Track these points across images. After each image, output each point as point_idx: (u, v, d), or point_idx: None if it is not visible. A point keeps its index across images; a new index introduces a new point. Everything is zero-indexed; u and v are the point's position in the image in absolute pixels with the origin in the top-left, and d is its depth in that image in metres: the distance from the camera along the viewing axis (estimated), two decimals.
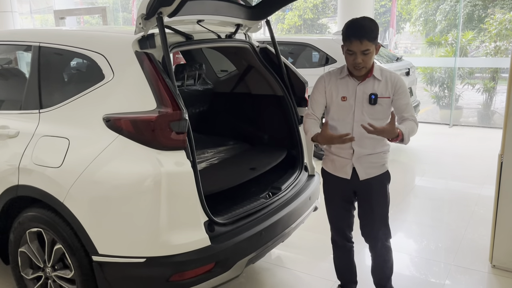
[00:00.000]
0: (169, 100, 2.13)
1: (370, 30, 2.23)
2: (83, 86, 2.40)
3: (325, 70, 5.96)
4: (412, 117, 2.40)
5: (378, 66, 2.42)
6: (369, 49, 2.24)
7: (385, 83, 2.37)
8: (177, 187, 2.15)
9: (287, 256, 3.45)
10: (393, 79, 2.39)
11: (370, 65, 2.33)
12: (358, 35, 2.22)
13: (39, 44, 2.63)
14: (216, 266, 2.23)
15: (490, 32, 8.81)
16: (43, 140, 2.41)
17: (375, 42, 2.28)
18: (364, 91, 2.38)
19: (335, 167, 2.52)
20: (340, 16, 9.37)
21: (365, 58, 2.27)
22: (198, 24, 2.73)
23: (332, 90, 2.45)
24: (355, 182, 2.49)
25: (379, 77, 2.38)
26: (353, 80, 2.40)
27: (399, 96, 2.38)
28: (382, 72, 2.40)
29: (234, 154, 3.29)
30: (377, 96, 2.36)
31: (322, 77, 2.53)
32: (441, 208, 4.42)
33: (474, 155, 6.26)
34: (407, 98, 2.41)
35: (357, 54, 2.25)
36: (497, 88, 8.77)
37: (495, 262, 3.16)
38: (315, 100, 2.53)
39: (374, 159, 2.46)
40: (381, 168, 2.50)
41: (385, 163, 2.51)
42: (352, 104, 2.40)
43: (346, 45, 2.29)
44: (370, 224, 2.58)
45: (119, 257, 2.18)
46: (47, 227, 2.39)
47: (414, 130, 2.37)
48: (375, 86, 2.38)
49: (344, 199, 2.59)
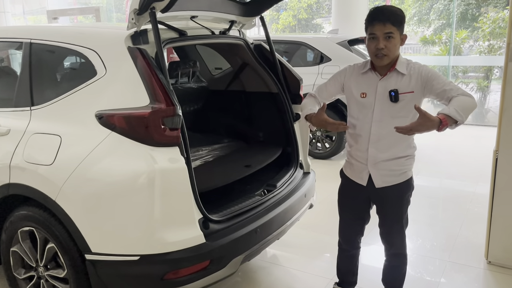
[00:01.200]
0: (162, 96, 2.10)
1: (394, 13, 2.10)
2: (75, 83, 2.37)
3: (319, 68, 5.95)
4: (458, 93, 2.09)
5: (405, 59, 2.22)
6: (392, 33, 2.08)
7: (409, 76, 2.17)
8: (171, 184, 2.13)
9: (283, 254, 3.43)
10: (417, 69, 2.17)
11: (394, 54, 2.14)
12: (381, 17, 2.08)
13: (30, 40, 2.59)
14: (211, 263, 2.21)
15: (484, 30, 8.85)
16: (34, 137, 2.38)
17: (400, 29, 2.12)
18: (386, 87, 2.19)
19: (353, 171, 2.37)
20: (334, 16, 9.38)
21: (388, 44, 2.09)
22: (192, 20, 2.70)
23: (352, 85, 2.29)
24: (371, 189, 2.32)
25: (404, 71, 2.17)
26: (375, 75, 2.22)
27: (431, 83, 2.13)
28: (408, 65, 2.19)
29: (229, 151, 3.28)
30: (397, 93, 2.15)
31: (345, 68, 2.36)
32: (436, 206, 4.42)
33: (469, 153, 6.28)
34: (442, 80, 2.14)
35: (380, 39, 2.09)
36: (490, 87, 8.81)
37: (490, 259, 3.16)
38: (326, 87, 2.37)
39: (394, 166, 2.26)
40: (402, 176, 2.29)
41: (407, 171, 2.30)
42: (372, 101, 2.22)
43: (368, 30, 2.14)
44: (385, 231, 2.45)
45: (113, 255, 2.15)
46: (39, 225, 2.36)
47: (466, 104, 2.04)
48: (398, 82, 2.17)
49: (357, 206, 2.44)
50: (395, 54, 2.15)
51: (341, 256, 2.68)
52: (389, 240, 2.47)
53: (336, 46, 5.98)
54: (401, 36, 2.15)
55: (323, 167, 5.65)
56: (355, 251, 2.63)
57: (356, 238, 2.57)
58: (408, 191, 2.35)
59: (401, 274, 2.56)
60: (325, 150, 6.04)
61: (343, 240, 2.60)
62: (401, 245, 2.46)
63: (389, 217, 2.40)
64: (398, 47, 2.16)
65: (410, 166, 2.31)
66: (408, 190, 2.35)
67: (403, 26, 2.15)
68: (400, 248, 2.47)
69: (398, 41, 2.14)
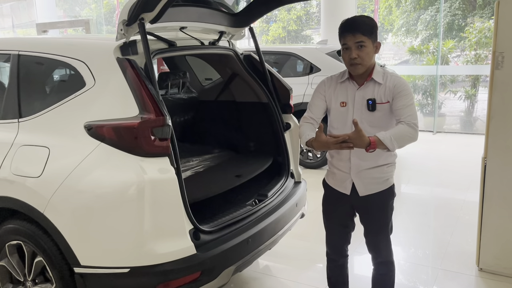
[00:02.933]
0: (151, 106, 2.10)
1: (363, 23, 2.14)
2: (63, 94, 2.36)
3: (309, 79, 5.99)
4: (406, 120, 2.12)
5: (381, 69, 2.25)
6: (363, 41, 2.12)
7: (384, 86, 2.20)
8: (161, 194, 2.11)
9: (275, 264, 3.41)
10: (393, 81, 2.20)
11: (368, 63, 2.17)
12: (350, 28, 2.14)
13: (18, 52, 2.58)
14: (202, 274, 2.19)
15: (470, 40, 8.99)
16: (22, 149, 2.35)
17: (372, 38, 2.15)
18: (364, 96, 2.22)
19: (336, 181, 2.37)
20: (323, 27, 9.47)
21: (360, 53, 2.13)
22: (181, 31, 2.71)
23: (332, 95, 2.31)
24: (355, 198, 2.32)
25: (380, 80, 2.21)
26: (353, 85, 2.26)
27: (398, 99, 2.17)
28: (384, 75, 2.23)
29: (220, 162, 3.27)
30: (375, 102, 2.19)
31: (323, 81, 2.38)
32: (427, 214, 4.44)
33: (458, 161, 6.33)
34: (406, 100, 2.16)
35: (352, 49, 2.13)
36: (478, 96, 8.93)
37: (482, 266, 3.17)
38: (314, 103, 2.36)
39: (376, 174, 2.27)
40: (385, 184, 2.31)
41: (389, 178, 2.32)
42: (351, 110, 2.24)
43: (341, 41, 2.18)
44: (371, 240, 2.44)
45: (102, 267, 2.12)
46: (26, 239, 2.32)
47: (404, 134, 2.09)
48: (375, 91, 2.21)
49: (342, 215, 2.43)
50: (369, 62, 2.19)
51: (330, 266, 2.64)
52: (376, 249, 2.46)
53: (325, 57, 6.04)
54: (375, 44, 2.18)
55: (314, 176, 5.62)
56: (343, 260, 2.60)
57: (343, 247, 2.55)
58: (391, 198, 2.37)
59: (390, 282, 2.53)
60: (316, 159, 6.05)
61: (331, 249, 2.57)
62: (387, 253, 2.46)
63: (374, 225, 2.40)
64: (372, 55, 2.19)
65: (392, 173, 2.34)
66: (391, 197, 2.37)
67: (375, 35, 2.18)
68: (387, 256, 2.46)
69: (371, 50, 2.17)
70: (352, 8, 9.26)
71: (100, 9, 19.25)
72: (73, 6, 20.68)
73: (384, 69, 2.27)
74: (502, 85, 2.89)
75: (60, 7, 18.74)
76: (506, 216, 3.01)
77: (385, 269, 2.49)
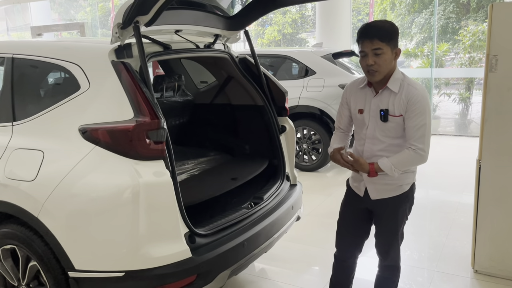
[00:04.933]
0: (146, 109, 2.09)
1: (381, 29, 2.06)
2: (58, 97, 2.35)
3: (304, 81, 6.00)
4: (412, 145, 2.09)
5: (401, 76, 2.15)
6: (381, 48, 2.04)
7: (400, 97, 2.11)
8: (156, 198, 2.10)
9: (271, 267, 3.41)
10: (408, 92, 2.10)
11: (386, 70, 2.09)
12: (368, 34, 2.07)
13: (13, 55, 2.57)
14: (197, 278, 2.18)
15: (464, 43, 9.04)
16: (16, 153, 2.34)
17: (391, 44, 2.07)
18: (379, 105, 2.16)
19: (353, 181, 2.39)
20: (318, 30, 9.50)
21: (378, 60, 2.06)
22: (176, 34, 2.71)
23: (351, 101, 2.28)
24: (368, 200, 2.31)
25: (396, 89, 2.12)
26: (371, 92, 2.21)
27: (409, 116, 2.09)
28: (402, 83, 2.13)
29: (215, 165, 3.26)
30: (387, 113, 2.13)
31: (346, 87, 2.35)
32: (423, 216, 4.45)
33: (453, 164, 6.36)
34: (418, 120, 2.08)
35: (369, 55, 2.07)
36: (472, 98, 8.98)
37: (477, 267, 3.18)
38: (339, 113, 2.37)
39: (389, 180, 2.22)
40: (397, 190, 2.26)
41: (403, 184, 2.26)
42: (367, 118, 2.21)
43: (359, 47, 2.11)
44: (380, 243, 2.42)
45: (97, 272, 2.11)
46: (20, 243, 2.31)
47: (406, 162, 2.11)
48: (390, 100, 2.14)
49: (354, 215, 2.42)
50: (387, 69, 2.11)
51: (336, 267, 2.56)
52: (383, 252, 2.44)
53: (321, 60, 6.05)
54: (395, 51, 2.10)
55: (310, 179, 5.65)
56: (351, 261, 2.53)
57: (354, 253, 2.50)
58: (403, 205, 2.32)
59: (392, 287, 2.53)
60: (311, 162, 6.05)
61: (338, 248, 2.52)
62: (394, 257, 2.43)
63: (384, 229, 2.38)
64: (390, 62, 2.10)
65: (408, 180, 2.27)
66: (404, 203, 2.32)
67: (395, 40, 2.10)
68: (394, 260, 2.44)
69: (390, 56, 2.09)
70: (347, 11, 9.30)
71: (95, 12, 19.23)
72: (68, 9, 20.65)
73: (405, 76, 2.18)
74: (496, 88, 2.90)
75: (55, 10, 18.71)
76: (500, 218, 3.02)
77: (390, 273, 2.48)
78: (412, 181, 2.31)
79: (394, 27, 2.11)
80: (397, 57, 2.14)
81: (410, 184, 2.30)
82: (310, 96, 5.93)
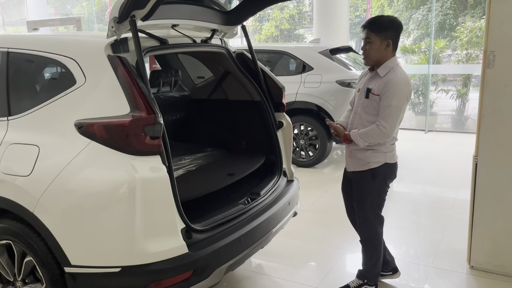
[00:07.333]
0: (143, 104, 2.08)
1: (376, 22, 2.47)
2: (53, 92, 2.33)
3: (302, 77, 5.99)
4: (378, 122, 2.47)
5: (391, 65, 2.50)
6: (369, 38, 2.46)
7: (382, 80, 2.49)
8: (153, 193, 2.09)
9: (268, 263, 3.41)
10: (389, 78, 2.47)
11: (373, 56, 2.50)
12: (364, 25, 2.51)
13: (8, 49, 2.54)
14: (194, 274, 2.17)
15: (462, 40, 9.04)
16: (11, 148, 2.32)
17: (380, 35, 2.44)
18: (367, 85, 2.57)
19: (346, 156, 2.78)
20: (316, 26, 9.48)
21: (367, 47, 2.48)
22: (173, 28, 2.69)
23: (359, 82, 2.72)
24: (348, 172, 2.75)
25: (382, 74, 2.50)
26: (369, 75, 2.60)
27: (382, 96, 2.47)
28: (389, 71, 2.49)
29: (212, 160, 3.25)
30: (369, 91, 2.51)
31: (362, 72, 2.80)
32: (419, 212, 4.46)
33: (450, 160, 6.37)
34: (387, 101, 2.46)
35: (363, 43, 2.51)
36: (469, 95, 8.99)
37: (473, 263, 3.19)
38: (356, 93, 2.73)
39: (360, 155, 2.61)
40: (365, 166, 2.61)
41: (371, 162, 2.60)
42: (357, 95, 2.64)
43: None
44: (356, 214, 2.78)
45: (93, 267, 2.10)
46: (16, 239, 2.30)
47: (369, 135, 2.50)
48: (375, 82, 2.51)
49: (345, 183, 2.87)
50: (375, 57, 2.51)
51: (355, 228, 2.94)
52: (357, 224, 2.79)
53: (318, 55, 6.04)
54: (384, 42, 2.46)
55: (307, 175, 5.65)
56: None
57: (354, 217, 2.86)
58: (369, 180, 2.63)
59: (364, 259, 2.80)
60: (308, 158, 6.05)
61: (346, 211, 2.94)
62: (363, 232, 2.75)
63: (353, 201, 2.76)
64: (378, 50, 2.48)
65: (377, 158, 2.60)
66: (369, 180, 2.62)
67: (386, 33, 2.46)
68: (362, 234, 2.77)
69: (378, 46, 2.47)
70: (345, 7, 9.28)
71: (92, 7, 19.13)
72: (64, 4, 20.54)
73: (397, 67, 2.52)
74: (493, 84, 2.90)
75: (51, 5, 18.60)
76: (497, 214, 3.03)
77: (363, 247, 2.80)
78: (383, 161, 2.60)
79: (390, 22, 2.49)
80: (389, 48, 2.49)
81: (379, 164, 2.60)
82: (307, 92, 5.92)
